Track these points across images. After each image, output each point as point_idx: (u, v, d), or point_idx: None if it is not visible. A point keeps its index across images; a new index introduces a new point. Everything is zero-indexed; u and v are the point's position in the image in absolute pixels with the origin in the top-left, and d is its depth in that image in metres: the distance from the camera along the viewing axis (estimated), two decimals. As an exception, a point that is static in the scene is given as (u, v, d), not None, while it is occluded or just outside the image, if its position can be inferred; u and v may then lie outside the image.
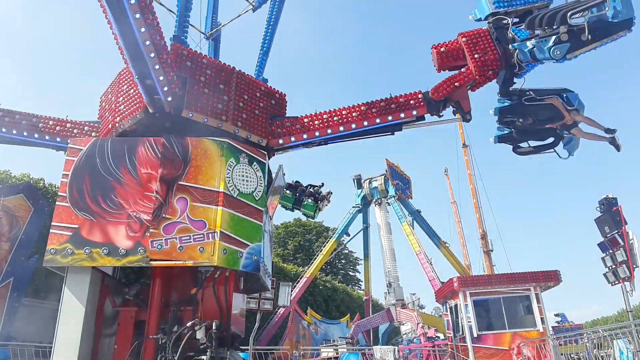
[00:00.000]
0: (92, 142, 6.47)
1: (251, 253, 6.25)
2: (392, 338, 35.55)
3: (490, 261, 32.14)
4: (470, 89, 7.61)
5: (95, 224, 5.97)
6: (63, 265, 5.86)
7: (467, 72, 7.37)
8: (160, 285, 6.24)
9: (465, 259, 38.18)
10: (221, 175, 6.31)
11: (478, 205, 33.41)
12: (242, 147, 6.72)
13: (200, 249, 5.86)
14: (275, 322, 24.85)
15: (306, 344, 25.29)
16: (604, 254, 16.32)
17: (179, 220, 5.99)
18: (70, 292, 5.90)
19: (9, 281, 10.49)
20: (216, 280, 6.31)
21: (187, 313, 6.20)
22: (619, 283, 15.74)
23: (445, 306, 16.44)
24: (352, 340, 25.54)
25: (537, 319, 13.48)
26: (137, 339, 6.09)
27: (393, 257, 31.76)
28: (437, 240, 33.08)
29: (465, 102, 7.59)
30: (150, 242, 5.84)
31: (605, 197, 16.59)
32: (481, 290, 14.04)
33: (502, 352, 13.32)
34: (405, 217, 31.04)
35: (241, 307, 7.32)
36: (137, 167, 6.30)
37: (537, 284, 13.90)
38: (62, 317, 5.79)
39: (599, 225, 16.52)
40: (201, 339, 5.78)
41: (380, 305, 38.52)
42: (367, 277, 36.15)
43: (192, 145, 6.41)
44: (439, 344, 22.60)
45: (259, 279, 6.80)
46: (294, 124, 7.58)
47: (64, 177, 6.27)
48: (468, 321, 13.75)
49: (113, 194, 6.14)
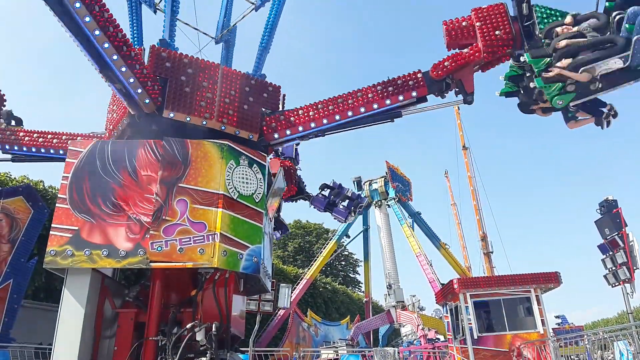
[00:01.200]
0: (92, 145, 6.47)
1: (251, 255, 6.24)
2: (392, 340, 35.49)
3: (490, 263, 32.16)
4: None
5: (95, 226, 5.97)
6: (63, 267, 5.85)
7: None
8: (160, 287, 6.23)
9: (466, 261, 38.19)
10: (221, 177, 6.30)
11: (478, 207, 33.45)
12: (242, 149, 6.71)
13: (200, 250, 5.86)
14: (275, 323, 24.85)
15: (306, 345, 25.28)
16: (604, 255, 16.35)
17: (179, 222, 5.99)
18: (70, 293, 5.89)
19: (8, 283, 10.49)
20: (216, 282, 6.31)
21: (187, 315, 6.19)
22: (619, 285, 15.76)
23: (445, 308, 16.41)
24: (352, 342, 25.53)
25: (538, 320, 13.45)
26: (136, 340, 6.08)
27: (393, 259, 31.75)
28: (437, 242, 33.10)
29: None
30: (150, 244, 5.84)
31: (606, 199, 16.63)
32: (481, 292, 14.01)
33: (503, 353, 13.30)
34: (405, 219, 31.06)
35: (241, 308, 7.31)
36: (137, 169, 6.30)
37: (537, 285, 13.86)
38: (62, 318, 5.77)
39: (599, 227, 16.56)
40: (201, 341, 5.78)
41: (381, 307, 38.50)
42: (367, 278, 36.13)
43: (192, 147, 6.41)
44: (439, 345, 22.59)
45: (259, 281, 6.80)
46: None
47: (64, 179, 6.27)
48: (468, 323, 13.73)
49: (113, 196, 6.14)
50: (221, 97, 6.99)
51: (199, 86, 6.93)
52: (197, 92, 6.86)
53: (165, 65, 6.89)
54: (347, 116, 7.11)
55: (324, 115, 7.16)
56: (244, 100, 7.16)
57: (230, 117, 6.94)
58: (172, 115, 6.64)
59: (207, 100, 6.88)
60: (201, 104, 6.82)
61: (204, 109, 6.80)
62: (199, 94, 6.87)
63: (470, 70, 7.09)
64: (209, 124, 6.79)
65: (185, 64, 7.01)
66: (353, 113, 7.08)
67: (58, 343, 5.64)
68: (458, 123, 37.33)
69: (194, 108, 6.75)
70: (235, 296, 6.60)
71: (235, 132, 6.92)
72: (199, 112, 6.76)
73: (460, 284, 14.23)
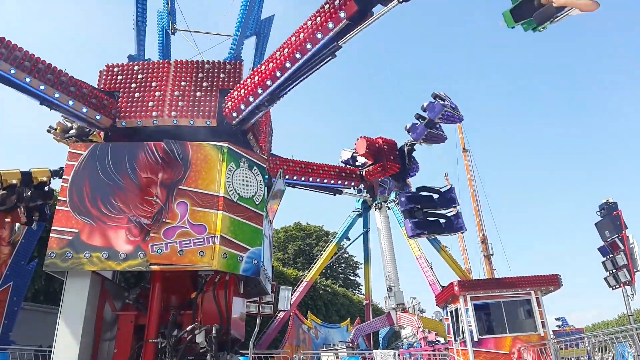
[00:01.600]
0: (93, 147, 6.48)
1: (251, 257, 6.24)
2: (393, 342, 35.43)
3: (490, 265, 32.13)
4: None
5: (96, 229, 5.97)
6: (63, 270, 5.86)
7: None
8: (160, 289, 6.23)
9: (466, 263, 38.15)
10: (221, 179, 6.31)
11: (478, 210, 33.42)
12: (242, 152, 6.72)
13: (200, 253, 5.85)
14: (275, 326, 24.81)
15: (306, 348, 25.24)
16: (605, 258, 16.33)
17: (179, 225, 5.99)
18: (70, 296, 5.90)
19: (8, 285, 10.50)
20: (216, 284, 6.30)
21: (187, 317, 6.19)
22: (619, 287, 15.73)
23: (445, 310, 16.39)
24: (352, 345, 25.47)
25: (538, 323, 13.44)
26: (136, 343, 6.08)
27: (393, 261, 31.70)
28: (437, 244, 33.01)
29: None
30: (150, 246, 5.84)
31: (606, 201, 16.61)
32: (482, 294, 14.00)
33: (503, 356, 13.27)
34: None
35: (241, 311, 7.30)
36: (138, 172, 6.30)
37: (537, 288, 13.85)
38: (62, 321, 5.77)
39: (600, 229, 16.54)
40: (201, 343, 5.77)
41: (381, 310, 38.42)
42: (367, 281, 36.05)
43: (192, 149, 6.42)
44: (440, 348, 22.55)
45: (259, 283, 6.79)
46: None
47: (64, 181, 6.27)
48: (468, 325, 13.72)
49: (113, 198, 6.15)
50: (171, 92, 7.04)
51: (148, 88, 7.06)
52: (146, 95, 7.00)
53: (117, 79, 7.18)
54: (286, 68, 6.32)
55: (267, 75, 6.46)
56: (196, 88, 7.08)
57: (181, 109, 6.92)
58: (124, 124, 6.88)
59: (156, 99, 6.96)
60: (149, 104, 6.92)
61: (152, 108, 6.90)
62: (148, 95, 7.00)
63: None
64: (160, 121, 6.86)
65: (136, 71, 7.23)
66: (291, 63, 6.27)
67: (58, 345, 5.64)
68: (458, 125, 37.37)
69: (143, 110, 6.89)
70: (235, 298, 6.59)
71: (189, 122, 6.87)
72: (148, 113, 6.86)
73: (460, 287, 14.22)
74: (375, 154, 10.05)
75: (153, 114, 6.86)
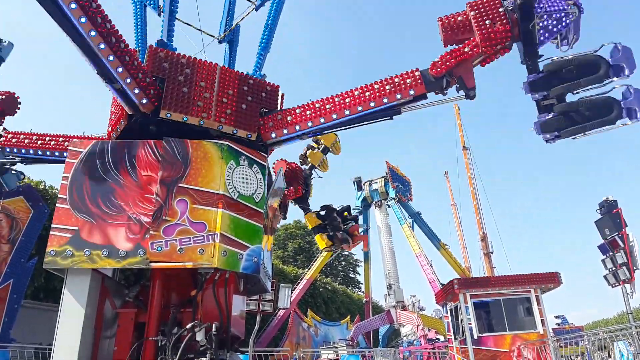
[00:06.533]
0: (92, 144, 6.47)
1: (251, 255, 6.24)
2: (392, 340, 35.51)
3: (490, 263, 32.18)
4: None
5: (95, 226, 5.97)
6: (63, 267, 5.85)
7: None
8: (160, 287, 6.23)
9: (466, 261, 38.23)
10: (221, 177, 6.30)
11: (478, 208, 33.47)
12: (242, 150, 6.71)
13: (200, 250, 5.86)
14: (275, 324, 24.84)
15: (306, 345, 25.29)
16: (604, 256, 16.35)
17: (179, 222, 5.98)
18: (70, 294, 5.89)
19: (8, 283, 10.50)
20: (216, 282, 6.30)
21: (187, 315, 6.18)
22: (619, 285, 15.75)
23: (445, 308, 16.42)
24: (352, 342, 25.53)
25: (538, 321, 13.46)
26: (136, 340, 6.08)
27: (393, 259, 31.78)
28: (437, 242, 33.10)
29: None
30: (150, 244, 5.84)
31: (606, 199, 16.63)
32: (481, 292, 14.02)
33: (503, 354, 13.30)
34: (405, 219, 31.08)
35: (241, 308, 7.31)
36: (137, 169, 6.29)
37: (537, 285, 13.88)
38: (62, 318, 5.77)
39: (599, 227, 16.55)
40: (201, 341, 5.78)
41: (381, 307, 38.50)
42: (367, 279, 36.12)
43: (192, 147, 6.41)
44: (439, 345, 22.60)
45: (259, 281, 6.80)
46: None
47: (63, 179, 6.26)
48: (468, 323, 13.74)
49: (113, 196, 6.14)
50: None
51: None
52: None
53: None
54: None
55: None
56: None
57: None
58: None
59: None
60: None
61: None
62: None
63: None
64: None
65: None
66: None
67: (58, 343, 5.64)
68: (458, 123, 37.38)
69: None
70: (235, 296, 6.59)
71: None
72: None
73: (460, 284, 14.24)
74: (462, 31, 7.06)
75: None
